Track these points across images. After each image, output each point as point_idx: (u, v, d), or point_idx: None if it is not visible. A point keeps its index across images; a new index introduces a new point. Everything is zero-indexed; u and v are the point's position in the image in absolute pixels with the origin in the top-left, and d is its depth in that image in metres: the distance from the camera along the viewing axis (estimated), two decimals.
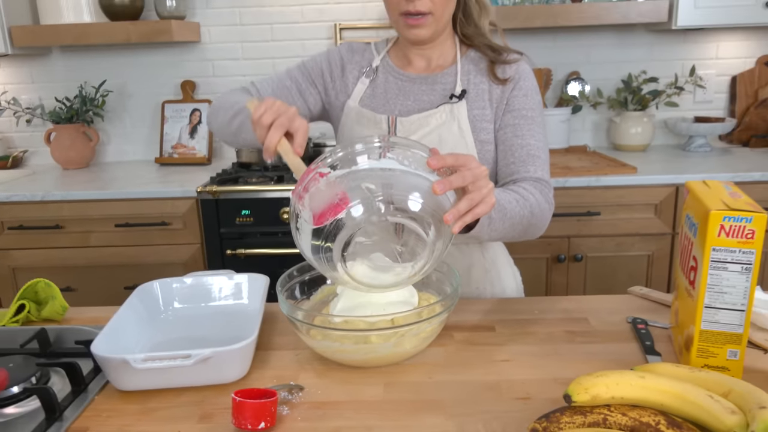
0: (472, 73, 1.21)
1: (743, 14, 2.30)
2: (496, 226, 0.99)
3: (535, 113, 1.19)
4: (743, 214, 0.76)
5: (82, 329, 1.03)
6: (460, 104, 1.19)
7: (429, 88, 1.22)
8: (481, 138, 1.19)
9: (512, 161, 1.16)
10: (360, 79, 1.26)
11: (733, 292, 0.79)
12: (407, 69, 1.25)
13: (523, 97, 1.18)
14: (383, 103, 1.24)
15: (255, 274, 1.13)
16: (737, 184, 2.05)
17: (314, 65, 1.28)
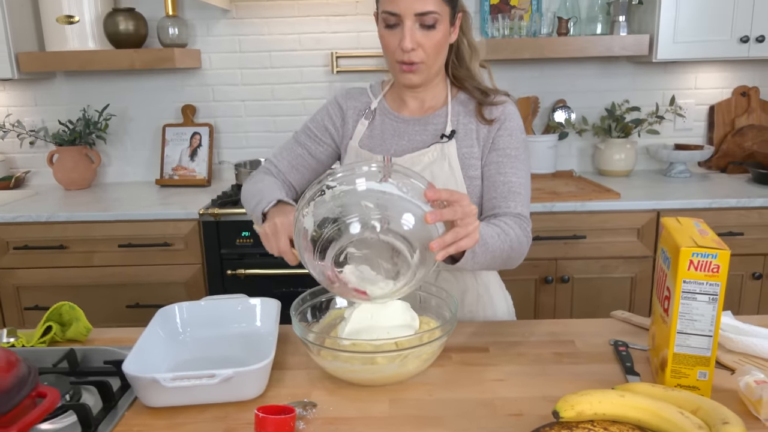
0: (462, 114, 1.32)
1: (719, 49, 2.43)
2: (479, 259, 1.08)
3: (519, 152, 1.28)
4: (710, 251, 0.86)
5: (108, 349, 1.10)
6: (450, 143, 1.29)
7: (422, 128, 1.33)
8: (469, 174, 1.29)
9: (494, 196, 1.26)
10: (360, 121, 1.37)
11: (701, 320, 0.88)
12: (402, 111, 1.36)
13: (507, 136, 1.28)
14: (380, 143, 1.34)
15: (267, 298, 1.21)
16: (714, 210, 2.18)
17: (317, 124, 1.41)
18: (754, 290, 2.33)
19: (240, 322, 1.19)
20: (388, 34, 1.22)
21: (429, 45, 1.20)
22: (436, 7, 1.17)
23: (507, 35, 2.52)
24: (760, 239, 2.28)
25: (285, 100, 2.80)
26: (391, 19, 1.19)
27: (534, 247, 2.25)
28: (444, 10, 1.19)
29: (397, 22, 1.19)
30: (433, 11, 1.17)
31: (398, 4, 1.17)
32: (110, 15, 2.51)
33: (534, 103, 2.75)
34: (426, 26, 1.18)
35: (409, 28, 1.17)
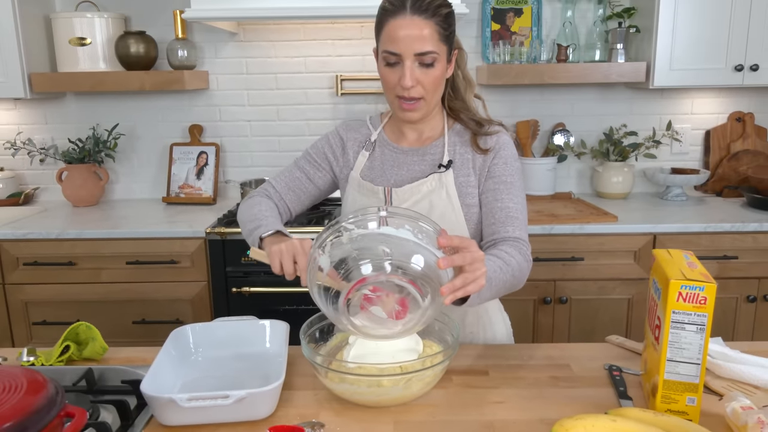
0: (458, 144, 1.38)
1: (715, 76, 2.50)
2: (484, 295, 1.14)
3: (514, 179, 1.35)
4: (697, 284, 0.91)
5: (124, 369, 1.15)
6: (448, 173, 1.35)
7: (420, 159, 1.39)
8: (467, 202, 1.35)
9: (493, 222, 1.32)
10: (360, 152, 1.43)
11: (690, 349, 0.94)
12: (401, 142, 1.42)
13: (503, 165, 1.34)
14: (380, 174, 1.40)
15: (276, 320, 1.26)
16: (709, 234, 2.23)
17: (317, 151, 1.46)
18: (748, 313, 2.38)
19: (250, 343, 1.24)
20: (388, 71, 1.27)
21: (428, 82, 1.26)
22: (434, 47, 1.23)
23: (508, 61, 2.59)
24: (754, 263, 2.34)
25: (290, 120, 2.87)
26: (391, 58, 1.25)
27: (533, 268, 2.29)
28: (441, 49, 1.26)
29: (397, 60, 1.25)
30: (431, 51, 1.23)
31: (399, 45, 1.23)
32: (122, 38, 2.58)
33: (533, 126, 2.82)
34: (425, 65, 1.24)
35: (409, 67, 1.23)
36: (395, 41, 1.23)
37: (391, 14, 1.24)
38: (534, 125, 2.83)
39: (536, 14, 2.75)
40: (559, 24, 2.75)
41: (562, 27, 2.72)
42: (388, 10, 1.25)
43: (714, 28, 2.45)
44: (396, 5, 1.24)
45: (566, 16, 2.71)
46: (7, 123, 2.87)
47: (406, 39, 1.22)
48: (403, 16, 1.23)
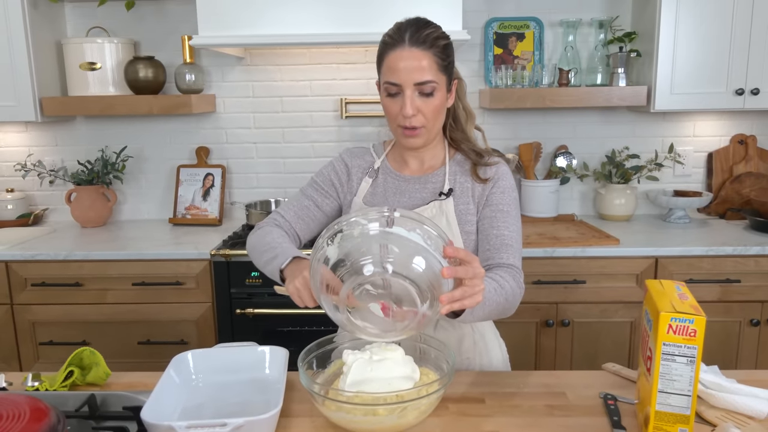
0: (458, 173, 1.42)
1: (716, 100, 2.52)
2: (477, 313, 1.17)
3: (511, 208, 1.38)
4: (687, 316, 0.93)
5: (126, 395, 1.17)
6: (448, 201, 1.39)
7: (421, 186, 1.43)
8: (466, 229, 1.38)
9: (488, 248, 1.35)
10: (364, 179, 1.47)
11: (681, 380, 0.95)
12: (403, 170, 1.46)
13: (500, 194, 1.39)
14: (382, 200, 1.44)
15: (276, 347, 1.28)
16: (711, 257, 2.23)
17: (324, 179, 1.50)
18: (752, 337, 2.37)
19: (250, 369, 1.26)
20: (390, 102, 1.32)
21: (428, 111, 1.31)
22: (433, 77, 1.28)
23: (510, 85, 2.62)
24: (757, 286, 2.34)
25: (295, 143, 2.91)
26: (392, 88, 1.30)
27: (535, 291, 2.34)
28: (441, 79, 1.31)
29: (398, 91, 1.30)
30: (431, 80, 1.28)
31: (399, 76, 1.28)
32: (131, 63, 2.64)
33: (536, 148, 2.84)
34: (425, 94, 1.29)
35: (409, 97, 1.28)
36: (395, 72, 1.28)
37: (391, 47, 1.30)
38: (537, 148, 2.85)
39: (538, 39, 2.78)
40: (560, 48, 2.78)
41: (564, 51, 2.75)
42: (387, 43, 1.31)
43: (714, 53, 2.47)
44: (395, 38, 1.29)
45: (568, 40, 2.74)
46: (19, 145, 2.93)
47: (405, 70, 1.27)
48: (402, 48, 1.28)
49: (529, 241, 2.39)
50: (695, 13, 2.44)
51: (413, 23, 1.31)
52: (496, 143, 2.87)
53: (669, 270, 2.33)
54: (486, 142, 1.47)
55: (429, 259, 1.03)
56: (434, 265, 1.03)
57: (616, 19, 2.74)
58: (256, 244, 1.43)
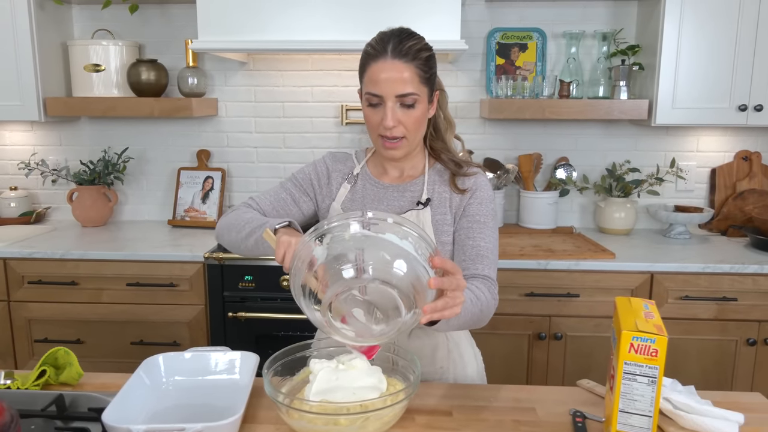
0: (437, 183, 1.42)
1: (718, 116, 2.49)
2: (453, 323, 1.17)
3: (488, 219, 1.38)
4: (649, 336, 0.91)
5: (95, 396, 1.18)
6: (425, 210, 1.39)
7: (400, 195, 1.43)
8: (442, 239, 1.38)
9: (464, 259, 1.35)
10: (343, 184, 1.47)
11: (642, 401, 0.93)
12: (382, 178, 1.46)
13: (478, 204, 1.39)
14: (360, 207, 1.43)
15: (247, 352, 1.28)
16: (708, 274, 2.20)
17: (304, 176, 1.49)
18: (748, 357, 2.33)
19: (220, 374, 1.26)
20: (371, 112, 1.33)
21: (409, 122, 1.31)
22: (415, 89, 1.28)
23: (510, 95, 2.61)
24: (754, 305, 2.30)
25: (295, 148, 2.92)
26: (373, 99, 1.30)
27: (528, 303, 2.33)
28: (422, 90, 1.31)
29: (379, 102, 1.30)
30: (412, 93, 1.28)
31: (380, 87, 1.28)
32: (133, 65, 2.66)
33: (536, 160, 2.82)
34: (406, 105, 1.29)
35: (391, 108, 1.29)
36: (377, 84, 1.28)
37: (373, 58, 1.30)
38: (537, 159, 2.83)
39: (541, 50, 2.77)
40: (563, 60, 2.77)
41: (566, 63, 2.73)
42: (370, 54, 1.31)
43: (717, 68, 2.44)
44: (378, 50, 1.29)
45: (570, 52, 2.73)
46: (24, 144, 2.97)
47: (387, 81, 1.27)
48: (384, 59, 1.28)
49: (523, 253, 2.37)
50: (699, 27, 2.42)
51: (396, 34, 1.30)
52: (496, 153, 2.87)
53: (664, 286, 2.30)
54: (465, 152, 1.47)
55: (417, 269, 1.02)
56: (421, 275, 1.02)
57: (620, 32, 2.72)
58: (233, 221, 1.39)
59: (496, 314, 2.32)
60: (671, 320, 2.31)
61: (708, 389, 2.22)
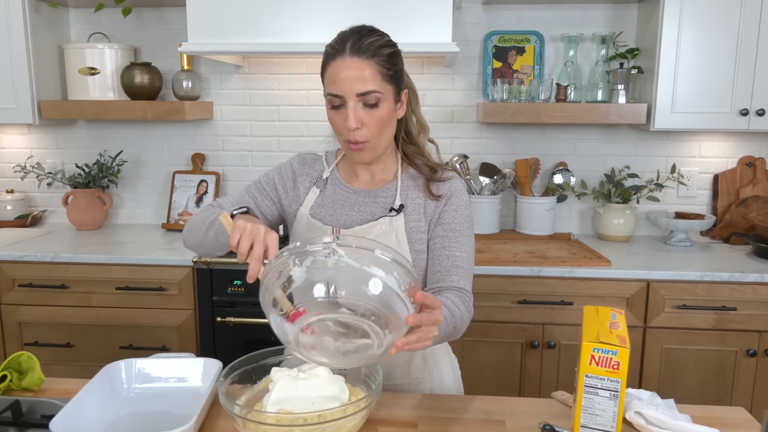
0: (411, 188, 1.37)
1: (719, 120, 2.43)
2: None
3: (464, 227, 1.34)
4: (610, 347, 0.87)
5: (52, 402, 1.15)
6: (398, 217, 1.34)
7: (371, 200, 1.38)
8: (416, 248, 1.33)
9: (439, 270, 1.31)
10: (311, 189, 1.41)
11: (603, 415, 0.89)
12: (353, 182, 1.41)
13: (453, 212, 1.34)
14: (330, 213, 1.38)
15: (210, 359, 1.25)
16: (706, 283, 2.14)
17: (268, 180, 1.44)
18: (748, 368, 2.26)
19: (183, 381, 1.23)
20: (334, 114, 1.27)
21: (372, 123, 1.25)
22: (377, 86, 1.23)
23: (506, 99, 2.57)
24: (754, 315, 2.23)
25: (290, 152, 2.88)
26: (335, 100, 1.24)
27: (520, 311, 2.28)
28: (386, 89, 1.25)
29: (341, 103, 1.24)
30: (374, 90, 1.22)
31: (340, 86, 1.22)
32: (127, 68, 2.66)
33: (534, 165, 2.77)
34: (369, 105, 1.23)
35: (352, 108, 1.23)
36: (336, 83, 1.23)
37: (332, 57, 1.25)
38: (535, 164, 2.78)
39: (538, 53, 2.73)
40: (561, 63, 2.72)
41: (565, 66, 2.69)
42: (329, 53, 1.26)
43: (718, 72, 2.39)
44: (336, 48, 1.24)
45: (569, 55, 2.68)
46: (21, 147, 2.98)
47: (346, 80, 1.22)
48: (342, 58, 1.23)
49: (516, 259, 2.32)
50: (699, 30, 2.36)
51: (356, 32, 1.26)
52: (493, 158, 2.82)
53: (661, 294, 2.24)
54: (440, 156, 1.43)
55: (396, 305, 1.00)
56: (400, 311, 1.00)
57: (620, 35, 2.67)
58: (195, 222, 1.36)
59: (488, 321, 2.29)
60: (668, 330, 2.25)
61: (707, 402, 2.18)
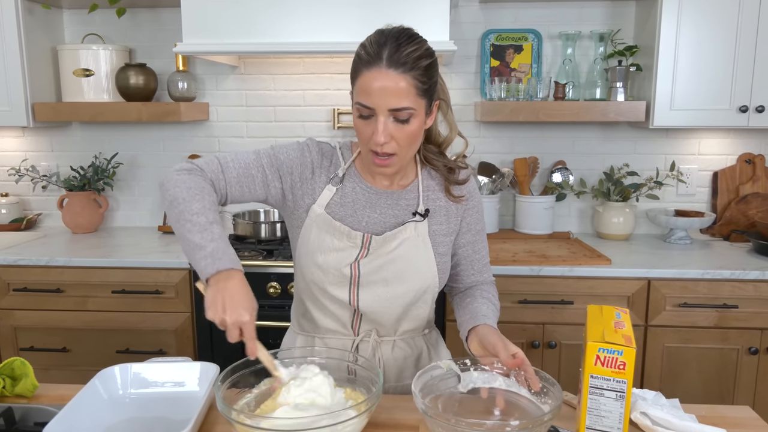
0: (431, 190, 1.34)
1: (718, 117, 2.41)
2: None
3: (483, 224, 1.43)
4: (616, 347, 0.85)
5: (46, 409, 1.13)
6: (423, 222, 1.31)
7: (394, 202, 1.32)
8: (439, 251, 1.33)
9: (473, 273, 1.43)
10: (327, 186, 1.30)
11: (610, 417, 0.87)
12: (373, 181, 1.32)
13: (476, 214, 1.39)
14: (351, 213, 1.30)
15: (207, 363, 1.23)
16: (707, 281, 2.13)
17: (286, 160, 1.29)
18: (750, 366, 2.25)
19: (179, 386, 1.21)
20: (361, 123, 1.19)
21: (402, 137, 1.18)
22: (411, 102, 1.15)
23: (504, 98, 2.55)
24: (756, 313, 2.21)
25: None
26: (364, 111, 1.17)
27: (521, 311, 2.27)
28: (419, 104, 1.17)
29: (370, 114, 1.16)
30: (407, 107, 1.15)
31: (372, 99, 1.14)
32: (122, 70, 2.64)
33: (533, 163, 2.76)
34: (400, 120, 1.16)
35: (383, 123, 1.15)
36: (369, 95, 1.14)
37: (366, 65, 1.15)
38: (533, 162, 2.77)
39: (536, 51, 2.71)
40: (559, 61, 2.70)
41: (563, 64, 2.67)
42: (363, 59, 1.16)
43: (717, 68, 2.37)
44: (372, 56, 1.14)
45: (567, 53, 2.67)
46: (16, 149, 2.95)
47: (380, 93, 1.13)
48: (378, 68, 1.13)
49: (516, 259, 2.31)
50: (697, 26, 2.35)
51: (394, 37, 1.15)
52: (491, 157, 2.80)
53: (662, 293, 2.22)
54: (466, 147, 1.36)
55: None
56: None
57: (618, 33, 2.65)
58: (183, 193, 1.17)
59: None
60: (669, 328, 2.24)
61: (709, 401, 2.16)
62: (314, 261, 1.30)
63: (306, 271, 1.32)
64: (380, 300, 1.30)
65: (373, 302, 1.30)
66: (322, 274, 1.30)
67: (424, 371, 1.12)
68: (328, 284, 1.30)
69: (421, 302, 1.35)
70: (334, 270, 1.29)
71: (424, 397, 1.06)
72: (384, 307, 1.31)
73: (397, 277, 1.30)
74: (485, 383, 1.15)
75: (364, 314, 1.32)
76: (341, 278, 1.29)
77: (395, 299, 1.31)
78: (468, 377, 1.15)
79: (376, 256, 1.29)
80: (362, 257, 1.29)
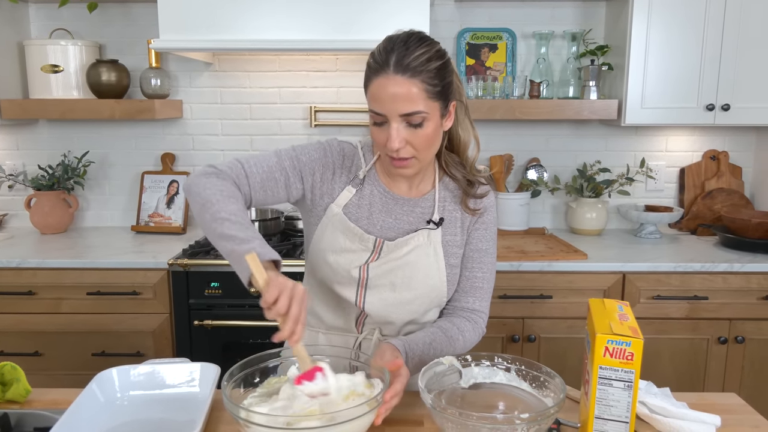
0: (448, 200, 1.33)
1: (686, 115, 2.49)
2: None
3: (489, 245, 1.36)
4: (624, 339, 0.88)
5: (42, 414, 1.11)
6: (437, 231, 1.31)
7: (410, 210, 1.32)
8: (450, 262, 1.32)
9: (457, 290, 1.35)
10: (347, 187, 1.31)
11: (618, 406, 0.90)
12: (393, 187, 1.32)
13: (483, 230, 1.35)
14: (367, 216, 1.30)
15: (207, 363, 1.22)
16: (679, 273, 2.19)
17: (308, 161, 1.29)
18: (719, 355, 2.34)
19: (178, 387, 1.20)
20: (376, 130, 1.19)
21: (417, 142, 1.17)
22: (422, 106, 1.14)
23: (480, 96, 2.59)
24: (724, 304, 2.30)
25: (263, 150, 2.84)
26: (378, 117, 1.17)
27: (501, 306, 2.30)
28: (432, 106, 1.16)
29: (383, 120, 1.16)
30: (419, 111, 1.14)
31: (383, 105, 1.14)
32: (93, 66, 2.57)
33: (508, 160, 2.80)
34: (413, 125, 1.16)
35: (395, 129, 1.15)
36: (379, 102, 1.15)
37: (375, 72, 1.15)
38: (509, 160, 2.81)
39: (511, 50, 2.75)
40: (533, 60, 2.75)
41: (536, 63, 2.72)
42: (372, 67, 1.17)
43: (685, 68, 2.45)
44: (379, 63, 1.15)
45: (540, 52, 2.71)
46: None
47: (389, 99, 1.13)
48: (386, 75, 1.13)
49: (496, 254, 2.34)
50: (667, 27, 2.42)
51: (402, 42, 1.14)
52: None
53: (636, 286, 2.29)
54: (478, 150, 1.33)
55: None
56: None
57: (590, 33, 2.72)
58: (212, 198, 1.16)
59: None
60: (644, 320, 2.30)
61: (681, 389, 2.22)
62: (325, 259, 1.31)
63: (316, 267, 1.34)
64: (386, 304, 1.31)
65: (380, 305, 1.31)
66: (331, 273, 1.31)
67: (428, 367, 1.13)
68: (336, 284, 1.31)
69: (430, 314, 1.37)
70: (343, 271, 1.29)
71: (428, 393, 1.07)
72: (390, 311, 1.32)
73: (404, 282, 1.30)
74: (486, 378, 1.17)
75: (370, 315, 1.33)
76: (349, 279, 1.30)
77: (402, 305, 1.31)
78: (469, 373, 1.17)
79: (386, 260, 1.29)
80: (372, 261, 1.29)
